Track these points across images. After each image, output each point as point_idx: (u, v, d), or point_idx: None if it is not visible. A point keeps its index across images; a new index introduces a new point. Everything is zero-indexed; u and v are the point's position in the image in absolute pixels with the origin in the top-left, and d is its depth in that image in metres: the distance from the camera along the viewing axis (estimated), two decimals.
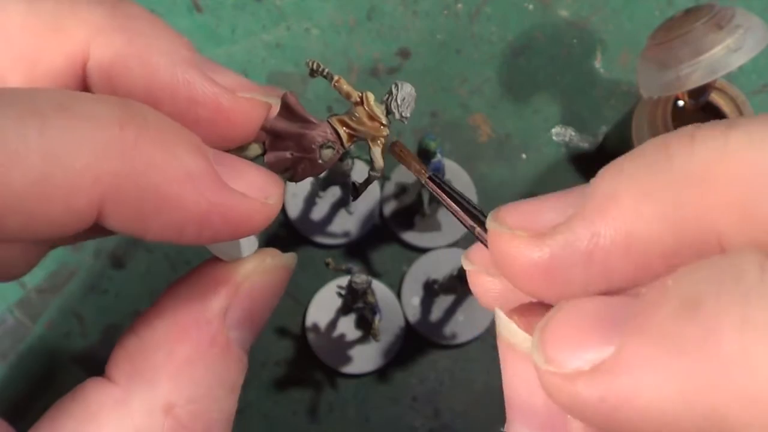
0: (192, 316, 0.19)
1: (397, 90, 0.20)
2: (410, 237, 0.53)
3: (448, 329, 0.51)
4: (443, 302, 0.51)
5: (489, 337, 0.52)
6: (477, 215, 0.19)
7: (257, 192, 0.18)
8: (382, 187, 0.53)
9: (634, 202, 0.13)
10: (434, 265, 0.52)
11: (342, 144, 0.20)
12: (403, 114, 0.20)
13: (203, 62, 0.20)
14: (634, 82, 0.55)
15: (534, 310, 0.16)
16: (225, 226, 0.18)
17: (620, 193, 0.14)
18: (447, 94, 0.56)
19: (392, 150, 0.21)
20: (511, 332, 0.16)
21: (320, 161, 0.20)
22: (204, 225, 0.17)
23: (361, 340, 0.51)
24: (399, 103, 0.20)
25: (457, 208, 0.19)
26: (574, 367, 0.13)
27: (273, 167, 0.20)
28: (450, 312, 0.51)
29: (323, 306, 0.52)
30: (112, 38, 0.18)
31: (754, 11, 0.40)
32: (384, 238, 0.53)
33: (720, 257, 0.12)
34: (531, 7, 0.57)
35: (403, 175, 0.54)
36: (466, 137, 0.55)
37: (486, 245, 0.18)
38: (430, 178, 0.20)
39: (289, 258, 0.22)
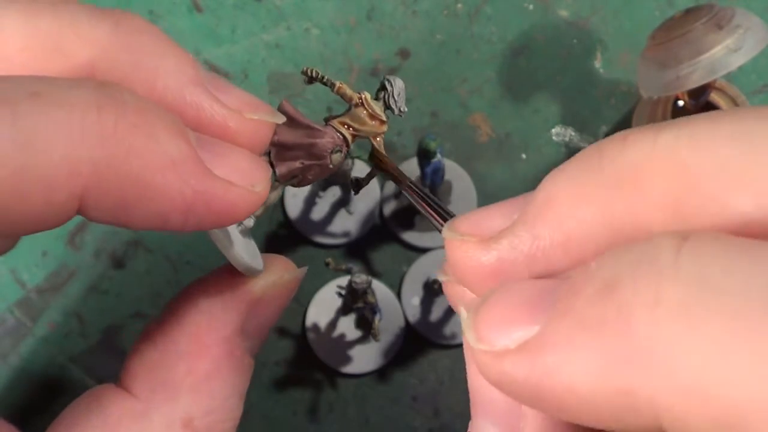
0: (213, 333, 0.20)
1: (392, 86, 0.20)
2: (410, 237, 0.53)
3: (448, 329, 0.51)
4: (443, 302, 0.51)
5: None
6: (446, 215, 0.20)
7: (243, 179, 0.18)
8: (382, 187, 0.53)
9: (569, 204, 0.14)
10: (434, 265, 0.52)
11: (348, 145, 0.21)
12: (401, 108, 0.21)
13: (209, 80, 0.19)
14: (634, 82, 0.55)
15: None
16: (210, 214, 0.17)
17: (557, 195, 0.14)
18: (447, 94, 0.56)
19: (371, 158, 0.22)
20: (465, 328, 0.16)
21: (331, 166, 0.21)
22: (188, 213, 0.17)
23: (361, 340, 0.51)
24: (396, 98, 0.21)
25: (433, 213, 0.20)
26: (502, 346, 0.13)
27: (284, 178, 0.21)
28: (450, 312, 0.51)
29: (323, 306, 0.52)
30: (116, 59, 0.18)
31: (754, 11, 0.40)
32: (384, 238, 0.53)
33: (642, 242, 0.13)
34: (531, 7, 0.57)
35: None
36: (466, 137, 0.55)
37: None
38: (408, 186, 0.21)
39: (303, 272, 0.22)
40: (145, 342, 0.20)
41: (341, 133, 0.20)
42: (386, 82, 0.20)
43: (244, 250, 0.21)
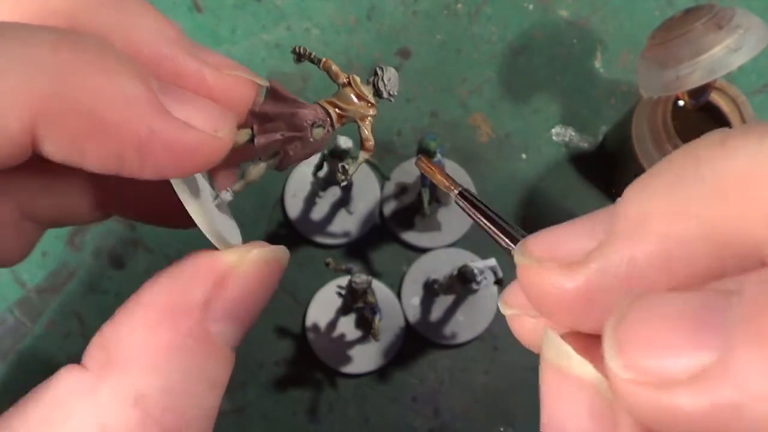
0: (170, 305, 0.18)
1: (383, 71, 0.20)
2: (410, 237, 0.53)
3: (448, 329, 0.51)
4: (443, 302, 0.51)
5: (489, 336, 0.52)
6: (514, 234, 0.18)
7: (204, 123, 0.18)
8: (382, 187, 0.53)
9: (667, 222, 0.13)
10: (434, 265, 0.52)
11: (332, 123, 0.20)
12: (391, 92, 0.21)
13: (190, 43, 0.19)
14: (634, 82, 0.55)
15: (587, 336, 0.15)
16: (168, 156, 0.17)
17: (651, 213, 0.13)
18: (447, 94, 0.56)
19: (418, 164, 0.21)
20: (563, 354, 0.14)
21: (312, 139, 0.20)
22: (144, 154, 0.17)
23: (361, 340, 0.51)
24: (386, 82, 0.21)
25: (492, 227, 0.18)
26: (667, 375, 0.11)
27: (263, 150, 0.20)
28: (450, 312, 0.51)
29: (323, 306, 0.52)
30: (97, 14, 0.18)
31: (754, 11, 0.40)
32: (384, 238, 0.53)
33: None
34: (531, 7, 0.57)
35: (403, 175, 0.54)
36: (466, 137, 0.55)
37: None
38: (461, 194, 0.20)
39: (278, 251, 0.20)
40: (108, 320, 0.19)
41: (326, 111, 0.20)
42: (377, 68, 0.20)
43: (218, 223, 0.20)
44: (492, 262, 0.47)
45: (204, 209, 0.20)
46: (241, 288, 0.19)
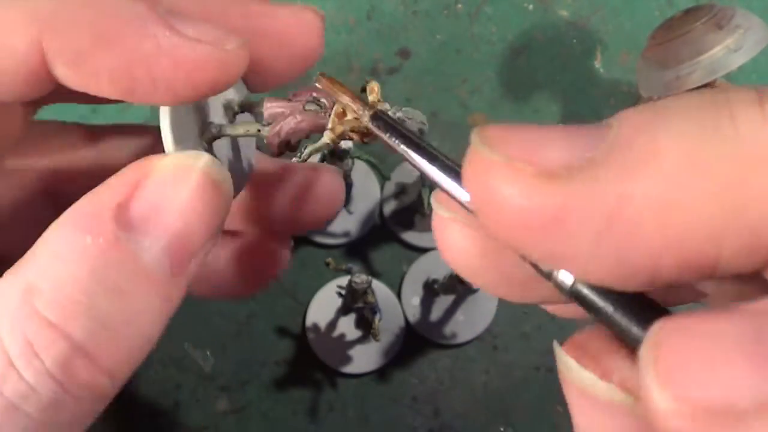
0: (81, 207, 0.17)
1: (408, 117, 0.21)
2: (410, 237, 0.53)
3: (448, 329, 0.51)
4: (443, 302, 0.51)
5: (489, 336, 0.52)
6: (443, 160, 0.15)
7: (212, 37, 0.17)
8: (382, 187, 0.53)
9: (682, 167, 0.11)
10: (434, 265, 0.52)
11: (330, 114, 0.20)
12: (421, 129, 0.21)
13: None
14: (634, 82, 0.55)
15: (592, 343, 0.13)
16: (178, 72, 0.17)
17: (665, 150, 0.11)
18: (447, 94, 0.56)
19: (319, 80, 0.19)
20: (585, 380, 0.13)
21: (300, 113, 0.20)
22: (153, 69, 0.17)
23: (361, 340, 0.51)
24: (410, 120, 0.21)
25: (411, 152, 0.16)
26: (730, 408, 0.10)
27: (271, 116, 0.20)
28: (450, 312, 0.51)
29: (323, 306, 0.52)
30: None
31: (754, 11, 0.40)
32: (384, 238, 0.53)
33: None
34: (531, 7, 0.57)
35: (403, 175, 0.54)
36: (466, 137, 0.55)
37: (455, 198, 0.14)
38: (375, 115, 0.17)
39: (211, 167, 0.18)
40: None
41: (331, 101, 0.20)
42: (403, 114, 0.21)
43: (185, 138, 0.19)
44: None
45: (179, 133, 0.19)
46: (156, 193, 0.17)
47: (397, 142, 0.16)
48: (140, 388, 0.50)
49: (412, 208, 0.53)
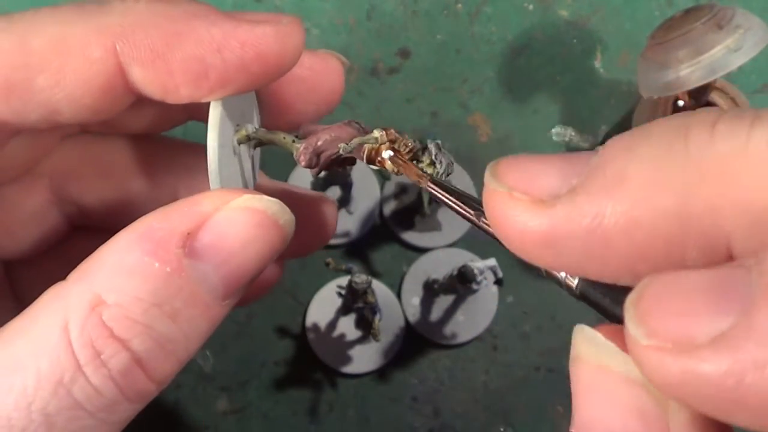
0: (147, 231, 0.18)
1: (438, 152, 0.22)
2: (410, 237, 0.53)
3: (448, 329, 0.51)
4: (443, 302, 0.51)
5: (489, 336, 0.52)
6: (477, 206, 0.19)
7: (268, 18, 0.20)
8: (382, 187, 0.53)
9: (644, 188, 0.13)
10: (434, 265, 0.52)
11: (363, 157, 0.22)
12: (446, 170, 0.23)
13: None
14: (634, 82, 0.55)
15: (614, 333, 0.14)
16: (247, 52, 0.19)
17: (630, 174, 0.13)
18: (447, 94, 0.56)
19: (393, 161, 0.22)
20: (604, 351, 0.14)
21: (340, 146, 0.21)
22: (225, 53, 0.19)
23: (361, 340, 0.51)
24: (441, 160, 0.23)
25: (462, 208, 0.19)
26: (687, 340, 0.12)
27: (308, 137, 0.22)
28: (450, 312, 0.51)
29: (323, 306, 0.52)
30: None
31: (754, 11, 0.40)
32: (384, 238, 0.53)
33: None
34: (531, 7, 0.57)
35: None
36: (466, 137, 0.55)
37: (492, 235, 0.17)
38: (432, 181, 0.21)
39: (272, 204, 0.20)
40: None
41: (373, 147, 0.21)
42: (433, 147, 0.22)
43: (226, 166, 0.21)
44: (492, 262, 0.47)
45: (222, 152, 0.21)
46: (227, 232, 0.19)
47: (453, 201, 0.20)
48: None
49: (412, 208, 0.53)
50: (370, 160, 0.21)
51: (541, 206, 0.14)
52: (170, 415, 0.50)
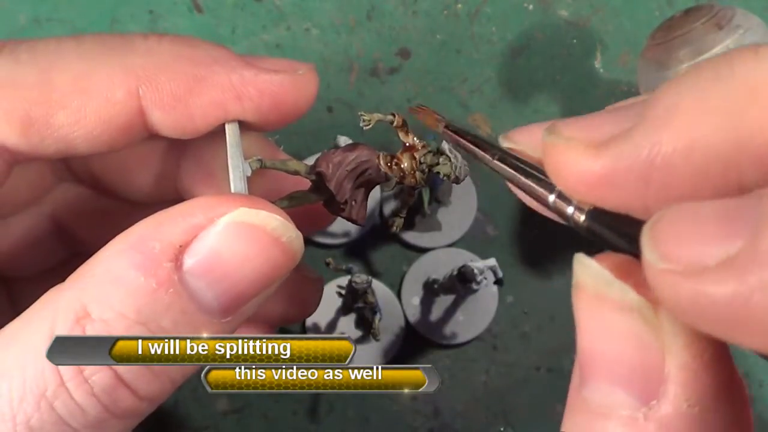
0: (138, 239, 0.18)
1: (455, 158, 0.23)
2: (410, 237, 0.53)
3: (448, 329, 0.51)
4: (443, 302, 0.51)
5: (489, 336, 0.52)
6: (501, 150, 0.19)
7: (286, 66, 0.20)
8: (382, 187, 0.53)
9: (696, 112, 0.13)
10: (434, 265, 0.52)
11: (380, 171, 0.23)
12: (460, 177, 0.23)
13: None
14: (634, 82, 0.55)
15: (618, 263, 0.15)
16: (264, 99, 0.20)
17: (682, 104, 0.14)
18: (447, 94, 0.56)
19: (413, 111, 0.22)
20: (602, 280, 0.15)
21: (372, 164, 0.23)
22: (244, 99, 0.19)
23: (361, 340, 0.51)
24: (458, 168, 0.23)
25: (480, 151, 0.20)
26: (697, 263, 0.12)
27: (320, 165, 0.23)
28: (450, 312, 0.51)
29: (323, 306, 0.52)
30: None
31: (754, 11, 0.40)
32: (384, 238, 0.53)
33: None
34: (531, 7, 0.57)
35: None
36: None
37: (531, 195, 0.18)
38: (446, 126, 0.22)
39: (271, 219, 0.19)
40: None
41: (389, 165, 0.22)
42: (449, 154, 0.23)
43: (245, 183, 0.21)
44: (492, 262, 0.47)
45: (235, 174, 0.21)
46: (219, 241, 0.18)
47: (469, 145, 0.21)
48: None
49: (412, 208, 0.53)
50: (389, 166, 0.22)
51: (600, 148, 0.14)
52: (170, 415, 0.50)
